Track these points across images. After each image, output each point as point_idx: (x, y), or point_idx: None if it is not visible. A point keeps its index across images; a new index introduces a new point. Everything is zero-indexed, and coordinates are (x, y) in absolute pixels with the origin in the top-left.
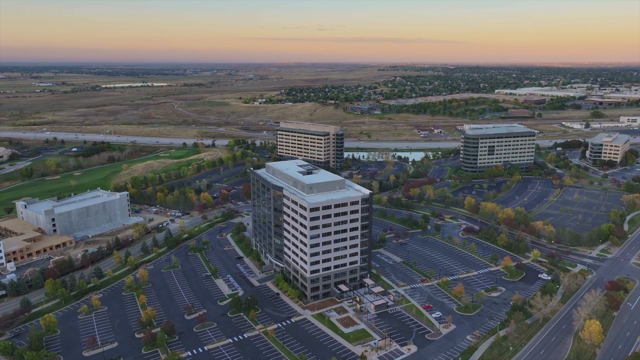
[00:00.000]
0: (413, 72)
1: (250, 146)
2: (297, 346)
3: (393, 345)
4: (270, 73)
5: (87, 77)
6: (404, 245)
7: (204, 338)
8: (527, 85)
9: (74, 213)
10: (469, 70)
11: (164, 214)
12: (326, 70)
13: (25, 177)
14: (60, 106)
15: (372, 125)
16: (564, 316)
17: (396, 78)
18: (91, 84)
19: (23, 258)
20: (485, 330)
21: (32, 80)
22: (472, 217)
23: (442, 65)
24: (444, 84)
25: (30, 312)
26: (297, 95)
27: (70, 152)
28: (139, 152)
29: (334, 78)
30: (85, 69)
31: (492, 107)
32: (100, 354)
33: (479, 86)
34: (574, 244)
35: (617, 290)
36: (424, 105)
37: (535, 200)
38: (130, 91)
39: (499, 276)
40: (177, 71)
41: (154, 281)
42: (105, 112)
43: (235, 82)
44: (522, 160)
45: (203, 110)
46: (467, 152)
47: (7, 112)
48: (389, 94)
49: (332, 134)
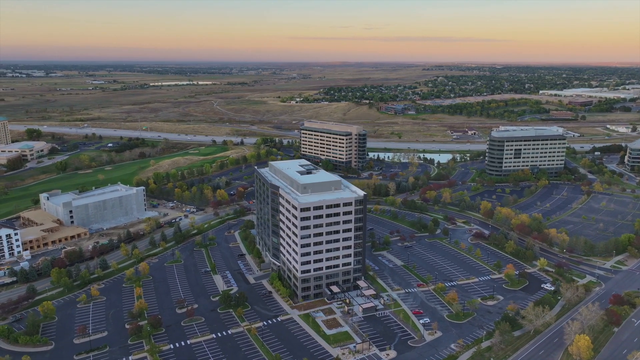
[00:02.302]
0: (458, 72)
1: (277, 145)
2: (277, 345)
3: (372, 349)
4: (313, 72)
5: (138, 75)
6: (408, 249)
7: (189, 332)
8: (576, 86)
9: (90, 206)
10: (517, 70)
11: (179, 209)
12: (370, 69)
13: (60, 171)
14: (107, 103)
15: (405, 125)
16: (558, 329)
17: (438, 78)
18: (140, 82)
19: (39, 247)
20: (471, 339)
21: (87, 79)
22: (486, 222)
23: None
24: (486, 84)
25: (34, 299)
26: (334, 95)
27: (105, 148)
28: (171, 148)
29: (377, 78)
30: (138, 68)
31: (533, 109)
32: (89, 341)
33: (523, 87)
34: (588, 254)
35: (621, 304)
36: (461, 105)
37: (558, 206)
38: (176, 89)
39: (500, 284)
40: (224, 70)
41: (155, 274)
42: (147, 110)
43: (278, 81)
44: (551, 165)
45: (240, 109)
46: (492, 155)
47: (59, 109)
48: (426, 94)
49: (354, 134)
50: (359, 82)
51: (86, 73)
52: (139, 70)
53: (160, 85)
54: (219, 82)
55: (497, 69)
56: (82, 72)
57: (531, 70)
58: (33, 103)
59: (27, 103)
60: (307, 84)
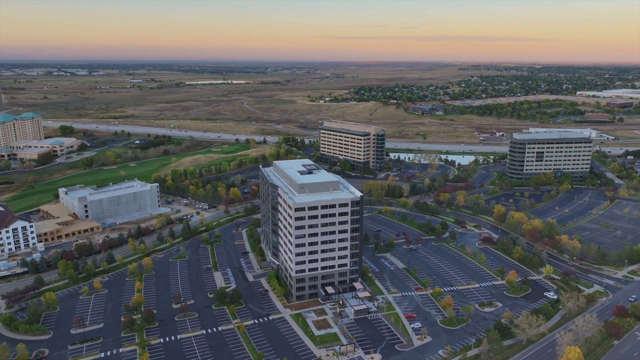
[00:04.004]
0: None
1: (298, 144)
2: (263, 343)
3: (357, 352)
4: (347, 72)
5: (175, 74)
6: (413, 251)
7: (181, 327)
8: (619, 87)
9: (105, 201)
10: (557, 70)
11: (192, 206)
12: (405, 69)
13: (86, 166)
14: (142, 101)
15: (431, 126)
16: (553, 341)
17: (472, 78)
18: (176, 81)
19: (53, 240)
20: (461, 346)
21: (126, 77)
22: (498, 226)
23: (530, 65)
24: (521, 85)
25: (40, 290)
26: (364, 94)
27: (132, 145)
28: (195, 146)
29: (410, 77)
30: (176, 67)
31: (568, 110)
32: (85, 332)
33: (560, 87)
34: (599, 263)
35: (625, 316)
36: (491, 106)
37: (577, 212)
38: (210, 88)
39: (501, 291)
40: (259, 69)
41: (158, 269)
42: (179, 108)
43: (311, 81)
44: (575, 168)
45: (268, 108)
46: (513, 157)
47: (96, 106)
48: (457, 95)
49: (372, 134)
50: (392, 82)
51: (126, 72)
52: (177, 70)
53: (195, 84)
54: (252, 81)
55: (536, 69)
56: (123, 70)
57: (572, 71)
58: (73, 101)
59: (67, 101)
60: (339, 83)
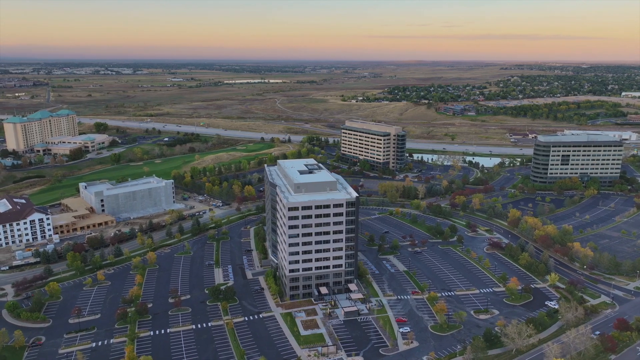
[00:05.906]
0: (537, 72)
1: (322, 144)
2: (248, 341)
3: (339, 353)
4: (385, 71)
5: (215, 73)
6: (417, 254)
7: (172, 321)
8: None
9: (121, 196)
10: (605, 69)
11: (206, 203)
12: (444, 68)
13: (114, 162)
14: (180, 99)
15: (462, 127)
16: (542, 352)
17: (512, 78)
18: (215, 80)
19: (69, 232)
20: (447, 353)
21: (168, 76)
22: (511, 231)
23: (577, 64)
24: (563, 85)
25: (47, 280)
26: (397, 94)
27: (161, 142)
28: (222, 144)
29: (449, 77)
30: (217, 66)
31: (609, 112)
32: (82, 322)
33: (605, 88)
34: (612, 272)
35: (626, 330)
36: (526, 107)
37: (600, 219)
38: (247, 87)
39: (501, 298)
40: (297, 68)
41: (162, 264)
42: (214, 106)
43: (347, 80)
44: (604, 173)
45: (299, 107)
46: (537, 160)
47: (135, 104)
48: (492, 95)
49: (392, 134)
50: (430, 82)
51: (169, 71)
52: (217, 69)
53: (233, 83)
54: (288, 81)
55: (583, 68)
56: (166, 70)
57: (622, 70)
58: (114, 98)
59: (109, 98)
60: (376, 82)
